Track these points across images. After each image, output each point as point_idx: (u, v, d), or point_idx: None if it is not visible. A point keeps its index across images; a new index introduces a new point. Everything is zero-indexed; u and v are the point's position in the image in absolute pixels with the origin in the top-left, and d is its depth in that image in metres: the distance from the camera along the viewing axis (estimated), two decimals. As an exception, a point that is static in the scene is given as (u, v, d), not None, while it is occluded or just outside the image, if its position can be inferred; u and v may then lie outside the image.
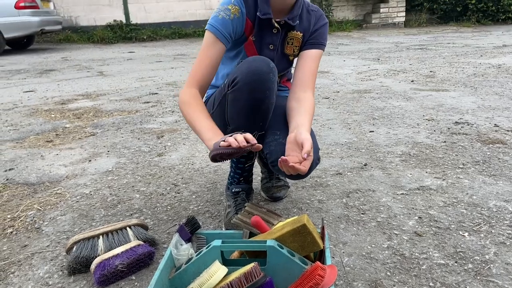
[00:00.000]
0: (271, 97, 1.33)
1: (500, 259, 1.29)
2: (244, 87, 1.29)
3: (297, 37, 1.49)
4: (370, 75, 4.66)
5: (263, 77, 1.28)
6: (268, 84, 1.30)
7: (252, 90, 1.29)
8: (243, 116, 1.35)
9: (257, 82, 1.28)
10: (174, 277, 1.15)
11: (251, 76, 1.28)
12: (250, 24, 1.44)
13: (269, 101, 1.33)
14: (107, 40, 10.02)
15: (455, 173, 1.92)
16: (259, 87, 1.28)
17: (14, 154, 2.41)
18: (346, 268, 1.27)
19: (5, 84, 4.83)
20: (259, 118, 1.36)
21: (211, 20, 1.41)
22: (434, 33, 10.16)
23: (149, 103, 3.64)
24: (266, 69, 1.29)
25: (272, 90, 1.32)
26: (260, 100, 1.31)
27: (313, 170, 1.41)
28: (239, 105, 1.33)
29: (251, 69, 1.28)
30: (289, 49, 1.51)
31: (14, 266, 1.34)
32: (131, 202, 1.76)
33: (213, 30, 1.39)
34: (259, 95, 1.30)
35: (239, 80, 1.30)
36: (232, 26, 1.40)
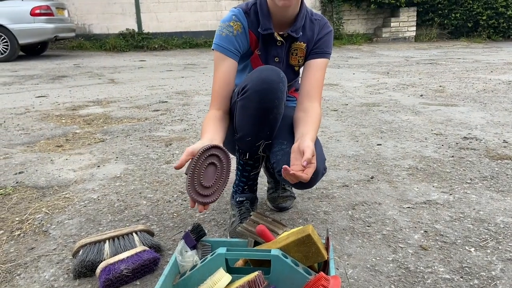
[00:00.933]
0: (280, 107, 1.34)
1: (507, 276, 1.27)
2: (253, 95, 1.31)
3: (300, 48, 1.50)
4: (379, 89, 4.67)
5: (273, 86, 1.29)
6: (278, 93, 1.31)
7: (261, 99, 1.30)
8: (251, 124, 1.36)
9: (267, 91, 1.29)
10: (178, 283, 1.15)
11: (260, 85, 1.29)
12: (254, 38, 1.47)
13: (277, 111, 1.34)
14: (119, 48, 10.15)
15: (462, 188, 1.91)
16: (268, 96, 1.30)
17: (25, 157, 2.44)
18: (350, 280, 1.27)
19: (18, 89, 4.91)
20: (267, 127, 1.37)
21: (215, 39, 1.44)
22: (444, 48, 10.16)
23: (158, 111, 3.67)
24: (276, 79, 1.30)
25: (281, 100, 1.33)
26: (269, 109, 1.32)
27: (319, 180, 1.42)
28: (248, 113, 1.35)
29: (261, 78, 1.30)
30: (294, 59, 1.52)
31: (20, 268, 1.36)
32: (138, 208, 1.77)
33: (220, 49, 1.43)
34: (268, 104, 1.31)
35: (249, 88, 1.31)
36: (237, 42, 1.43)
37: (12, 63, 7.77)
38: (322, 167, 1.37)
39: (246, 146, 1.46)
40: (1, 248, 1.48)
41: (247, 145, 1.45)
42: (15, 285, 1.27)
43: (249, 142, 1.43)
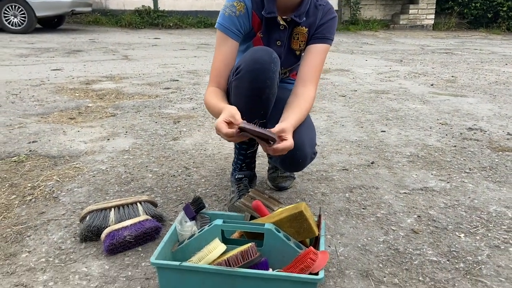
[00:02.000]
0: (272, 87, 1.38)
1: (492, 261, 1.32)
2: (246, 76, 1.34)
3: (302, 32, 1.52)
4: (390, 76, 4.66)
5: (264, 67, 1.33)
6: (269, 73, 1.34)
7: (253, 79, 1.34)
8: (244, 104, 1.40)
9: (258, 71, 1.33)
10: (176, 250, 1.23)
11: (252, 65, 1.33)
12: (258, 20, 1.49)
13: (270, 91, 1.38)
14: (134, 25, 10.18)
15: (460, 177, 1.94)
16: (260, 76, 1.33)
17: (38, 128, 2.53)
18: (340, 257, 1.33)
19: (34, 61, 5.00)
20: (260, 106, 1.41)
21: (219, 18, 1.47)
22: (462, 38, 10.00)
23: (169, 89, 3.73)
24: (268, 59, 1.33)
25: (272, 80, 1.36)
26: (261, 89, 1.36)
27: (307, 164, 1.46)
28: (241, 93, 1.39)
29: (253, 58, 1.33)
30: (295, 44, 1.55)
31: (30, 230, 1.44)
32: (143, 180, 1.85)
33: (222, 29, 1.46)
34: (259, 84, 1.35)
35: (242, 68, 1.35)
36: (239, 22, 1.46)
37: (29, 35, 7.87)
38: (311, 152, 1.41)
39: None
40: (13, 211, 1.57)
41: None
42: (25, 245, 1.36)
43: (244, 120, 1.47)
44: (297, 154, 1.37)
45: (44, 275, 1.21)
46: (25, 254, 1.31)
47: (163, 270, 1.11)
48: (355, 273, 1.26)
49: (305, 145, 1.39)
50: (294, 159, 1.38)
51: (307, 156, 1.40)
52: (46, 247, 1.35)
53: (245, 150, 1.61)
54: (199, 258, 1.13)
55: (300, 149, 1.37)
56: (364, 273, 1.25)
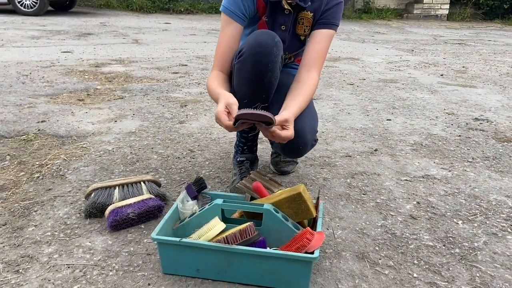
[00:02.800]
0: (274, 71, 1.38)
1: (489, 248, 1.34)
2: (248, 59, 1.35)
3: (307, 17, 1.52)
4: (400, 66, 4.62)
5: (267, 50, 1.34)
6: (271, 57, 1.35)
7: (256, 62, 1.35)
8: (246, 87, 1.41)
9: (261, 54, 1.33)
10: (177, 228, 1.26)
11: (255, 48, 1.34)
12: (263, 4, 1.49)
13: (272, 74, 1.38)
14: (145, 9, 10.18)
15: (462, 166, 1.95)
16: (262, 59, 1.34)
17: (47, 108, 2.57)
18: (337, 239, 1.36)
19: (45, 43, 5.05)
20: (262, 90, 1.42)
21: (224, 1, 1.47)
22: (476, 29, 9.84)
23: (177, 74, 3.76)
24: (271, 43, 1.34)
25: (274, 64, 1.37)
26: (263, 72, 1.37)
27: (308, 151, 1.48)
28: (243, 76, 1.40)
29: (256, 41, 1.34)
30: (300, 29, 1.55)
31: (37, 206, 1.49)
32: (148, 161, 1.88)
33: (226, 12, 1.46)
34: (262, 68, 1.36)
35: (245, 51, 1.36)
36: (243, 6, 1.45)
37: (41, 17, 7.92)
38: (311, 139, 1.42)
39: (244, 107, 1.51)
40: (21, 187, 1.61)
41: (245, 106, 1.50)
42: (31, 220, 1.40)
43: (246, 104, 1.47)
44: (298, 141, 1.39)
45: (49, 248, 1.26)
46: (31, 228, 1.35)
47: (163, 245, 1.14)
48: (351, 254, 1.28)
49: (306, 132, 1.40)
50: (294, 145, 1.40)
51: (307, 143, 1.41)
52: (52, 222, 1.39)
53: (246, 133, 1.63)
54: (198, 235, 1.17)
55: (301, 136, 1.39)
56: (360, 255, 1.28)
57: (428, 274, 1.20)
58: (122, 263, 1.20)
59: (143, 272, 1.17)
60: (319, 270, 1.20)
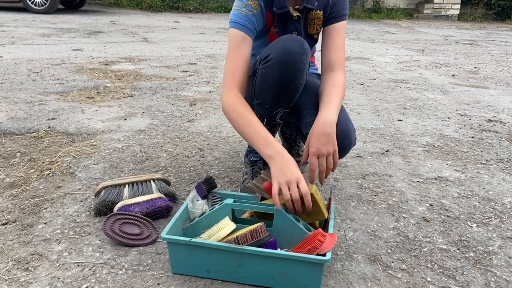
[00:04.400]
0: (301, 78, 1.35)
1: (504, 252, 1.31)
2: (275, 65, 1.31)
3: (318, 16, 1.48)
4: (411, 66, 4.58)
5: (296, 58, 1.30)
6: (300, 65, 1.31)
7: (284, 70, 1.31)
8: (270, 93, 1.37)
9: (289, 62, 1.30)
10: (187, 227, 1.25)
11: (283, 55, 1.29)
12: (270, 16, 1.44)
13: (298, 82, 1.35)
14: (154, 8, 10.20)
15: (476, 168, 1.92)
16: (290, 67, 1.30)
17: (58, 105, 2.58)
18: (349, 241, 1.34)
19: (56, 41, 5.07)
20: (286, 97, 1.38)
21: (233, 17, 1.39)
22: (487, 29, 9.73)
23: (187, 72, 3.75)
24: (300, 50, 1.30)
25: (302, 72, 1.33)
26: (290, 80, 1.33)
27: (351, 149, 1.44)
28: (268, 82, 1.35)
29: (284, 49, 1.29)
30: (312, 29, 1.51)
31: (47, 203, 1.48)
32: (158, 160, 1.87)
33: (240, 28, 1.38)
34: (289, 75, 1.32)
35: (272, 57, 1.31)
36: (256, 21, 1.40)
37: (51, 15, 7.96)
38: (354, 138, 1.40)
39: (264, 112, 1.47)
40: (31, 184, 1.61)
41: (265, 111, 1.46)
42: (41, 217, 1.40)
43: (268, 109, 1.44)
44: (344, 142, 1.36)
45: (59, 246, 1.25)
46: (41, 225, 1.35)
47: (173, 245, 1.13)
48: (363, 257, 1.26)
49: (351, 132, 1.38)
50: (340, 147, 1.35)
51: (351, 143, 1.39)
52: (61, 220, 1.39)
53: None
54: (208, 235, 1.15)
55: (347, 137, 1.36)
56: (372, 257, 1.26)
57: (442, 278, 1.18)
58: (132, 262, 1.19)
59: (153, 272, 1.16)
60: (331, 273, 1.19)
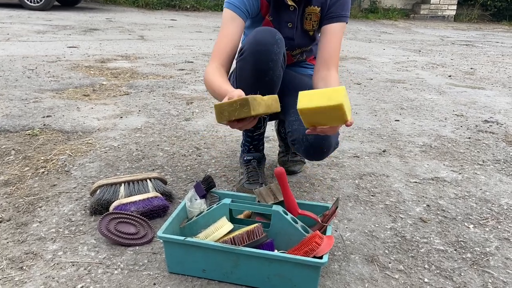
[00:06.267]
0: (275, 69, 1.35)
1: (501, 253, 1.31)
2: (248, 58, 1.33)
3: (315, 12, 1.48)
4: (408, 66, 4.58)
5: (267, 48, 1.30)
6: (271, 55, 1.32)
7: (256, 61, 1.32)
8: (248, 86, 1.38)
9: (261, 52, 1.30)
10: (184, 227, 1.24)
11: (255, 47, 1.31)
12: (265, 3, 1.45)
13: (273, 73, 1.35)
14: (151, 6, 10.15)
15: (473, 168, 1.92)
16: (262, 57, 1.31)
17: (53, 103, 2.56)
18: (346, 241, 1.33)
19: (51, 38, 5.03)
20: (264, 88, 1.38)
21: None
22: (484, 30, 9.76)
23: (183, 71, 3.73)
24: (271, 41, 1.30)
25: (276, 62, 1.34)
26: (264, 71, 1.34)
27: (330, 154, 1.44)
28: (244, 75, 1.37)
29: (256, 39, 1.31)
30: (308, 24, 1.51)
31: (42, 202, 1.47)
32: (154, 158, 1.86)
33: (231, 7, 1.41)
34: (262, 66, 1.33)
35: (245, 49, 1.33)
36: (248, 3, 1.42)
37: (47, 12, 7.90)
38: (334, 142, 1.39)
39: None
40: (26, 183, 1.59)
41: None
42: (36, 216, 1.38)
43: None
44: (323, 143, 1.35)
45: (54, 245, 1.24)
46: (36, 224, 1.33)
47: (169, 244, 1.12)
48: (360, 258, 1.26)
49: (331, 136, 1.37)
50: (319, 148, 1.36)
51: (331, 146, 1.38)
52: (56, 218, 1.37)
53: (251, 132, 1.60)
54: (205, 235, 1.14)
55: (326, 139, 1.36)
56: (370, 258, 1.25)
57: (439, 279, 1.18)
58: (128, 261, 1.18)
59: (149, 272, 1.15)
60: (328, 273, 1.18)
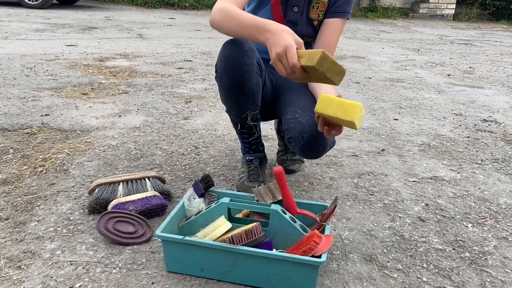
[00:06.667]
0: (251, 79, 1.36)
1: (499, 253, 1.31)
2: (222, 73, 1.35)
3: (322, 1, 1.48)
4: (406, 65, 4.58)
5: (237, 63, 1.32)
6: (243, 67, 1.32)
7: (230, 76, 1.34)
8: (230, 100, 1.41)
9: (232, 67, 1.32)
10: (183, 226, 1.24)
11: (225, 63, 1.32)
12: None
13: (250, 84, 1.36)
14: (150, 4, 10.13)
15: (471, 167, 1.92)
16: (235, 72, 1.33)
17: (51, 101, 2.55)
18: (344, 240, 1.33)
19: (50, 36, 5.02)
20: (246, 99, 1.40)
21: None
22: (482, 29, 9.77)
23: (182, 69, 3.73)
24: (240, 53, 1.31)
25: (249, 72, 1.34)
26: (240, 84, 1.35)
27: (326, 152, 1.44)
28: (224, 90, 1.40)
29: (224, 56, 1.32)
30: (314, 13, 1.51)
31: (40, 200, 1.47)
32: (153, 157, 1.86)
33: None
34: (237, 81, 1.34)
35: (218, 67, 1.35)
36: None
37: (45, 10, 7.88)
38: (330, 140, 1.39)
39: (235, 118, 1.51)
40: (24, 181, 1.59)
41: (235, 117, 1.50)
42: (34, 215, 1.38)
43: (235, 114, 1.48)
44: (319, 142, 1.36)
45: (52, 244, 1.23)
46: (34, 223, 1.33)
47: (167, 243, 1.12)
48: (359, 257, 1.26)
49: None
50: (315, 146, 1.36)
51: (327, 144, 1.38)
52: (55, 217, 1.37)
53: (246, 138, 1.59)
54: (204, 234, 1.14)
55: (323, 137, 1.36)
56: (368, 257, 1.25)
57: (438, 279, 1.18)
58: (126, 260, 1.18)
59: (147, 271, 1.15)
60: (326, 272, 1.18)
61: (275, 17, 1.49)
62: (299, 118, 1.38)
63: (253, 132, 1.57)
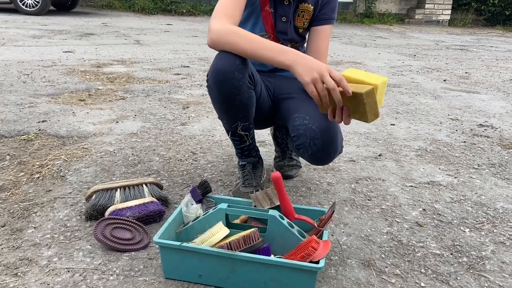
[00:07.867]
0: (241, 93, 1.35)
1: (497, 257, 1.31)
2: (212, 86, 1.34)
3: (308, 10, 1.50)
4: (403, 70, 4.61)
5: (227, 77, 1.30)
6: (233, 82, 1.31)
7: (220, 90, 1.33)
8: (221, 111, 1.41)
9: (222, 81, 1.31)
10: (180, 232, 1.24)
11: (216, 77, 1.31)
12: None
13: (240, 97, 1.35)
14: (147, 10, 10.16)
15: (468, 172, 1.93)
16: (225, 86, 1.32)
17: (48, 108, 2.55)
18: (343, 246, 1.33)
19: (47, 43, 5.03)
20: (236, 112, 1.39)
21: None
22: (478, 34, 9.84)
23: (179, 75, 3.73)
24: (231, 68, 1.29)
25: (239, 87, 1.33)
26: (230, 98, 1.34)
27: (335, 157, 1.44)
28: (215, 101, 1.39)
29: (215, 69, 1.30)
30: (300, 21, 1.53)
31: (37, 207, 1.46)
32: (150, 163, 1.86)
33: None
34: (227, 94, 1.33)
35: (209, 78, 1.34)
36: None
37: (43, 17, 7.89)
38: (340, 146, 1.40)
39: (226, 126, 1.51)
40: (21, 188, 1.58)
41: (226, 125, 1.50)
42: (31, 221, 1.37)
43: (226, 123, 1.48)
44: (330, 148, 1.36)
45: (49, 251, 1.23)
46: (31, 230, 1.33)
47: (165, 249, 1.12)
48: (356, 262, 1.25)
49: (338, 139, 1.38)
50: (325, 153, 1.36)
51: (337, 150, 1.39)
52: (51, 224, 1.36)
53: (238, 144, 1.59)
54: (202, 240, 1.14)
55: (333, 144, 1.36)
56: (366, 262, 1.25)
57: (436, 284, 1.18)
58: (123, 267, 1.18)
59: (145, 277, 1.14)
60: (324, 278, 1.18)
61: (267, 28, 1.51)
62: (309, 124, 1.37)
63: (245, 140, 1.56)
